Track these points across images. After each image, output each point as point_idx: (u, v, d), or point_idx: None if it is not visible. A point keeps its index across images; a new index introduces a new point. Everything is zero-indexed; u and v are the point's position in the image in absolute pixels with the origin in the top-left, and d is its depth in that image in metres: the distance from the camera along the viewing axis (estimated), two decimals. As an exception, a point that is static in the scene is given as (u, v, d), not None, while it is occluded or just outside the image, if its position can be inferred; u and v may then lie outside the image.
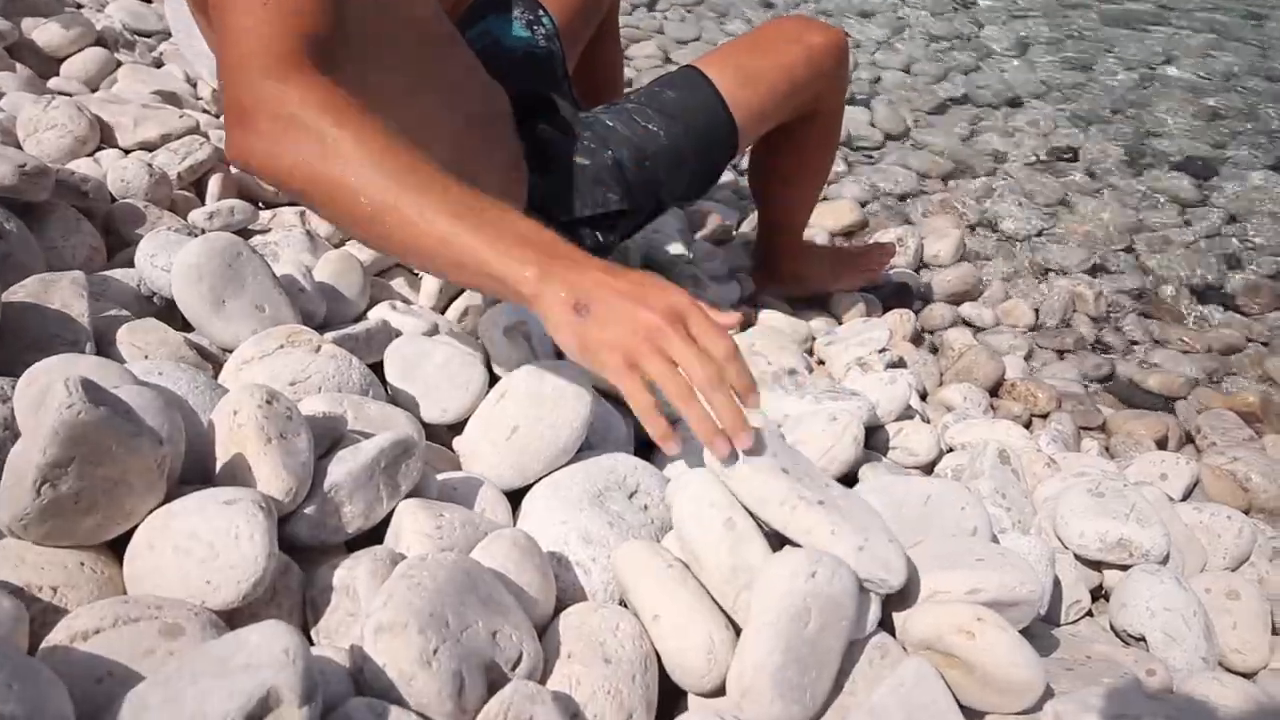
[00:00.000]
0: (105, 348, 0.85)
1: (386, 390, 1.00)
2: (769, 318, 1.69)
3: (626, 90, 2.58)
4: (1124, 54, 3.23)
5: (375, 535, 0.77)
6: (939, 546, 0.85)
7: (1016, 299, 2.05)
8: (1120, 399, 1.82)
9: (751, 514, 0.78)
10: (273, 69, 0.79)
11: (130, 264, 1.02)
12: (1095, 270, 2.20)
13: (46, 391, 0.59)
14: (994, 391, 1.67)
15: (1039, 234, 2.32)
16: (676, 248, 1.87)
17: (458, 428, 0.99)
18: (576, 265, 0.77)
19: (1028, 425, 1.58)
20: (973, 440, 1.33)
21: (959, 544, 0.86)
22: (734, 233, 2.13)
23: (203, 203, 1.29)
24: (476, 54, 1.42)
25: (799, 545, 0.76)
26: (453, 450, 0.98)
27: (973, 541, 0.88)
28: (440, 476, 0.86)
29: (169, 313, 0.97)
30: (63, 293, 0.83)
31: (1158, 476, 1.32)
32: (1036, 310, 2.02)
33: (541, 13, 1.52)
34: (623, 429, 1.05)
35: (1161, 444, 1.62)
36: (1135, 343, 2.01)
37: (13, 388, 0.70)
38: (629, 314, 0.75)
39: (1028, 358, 1.87)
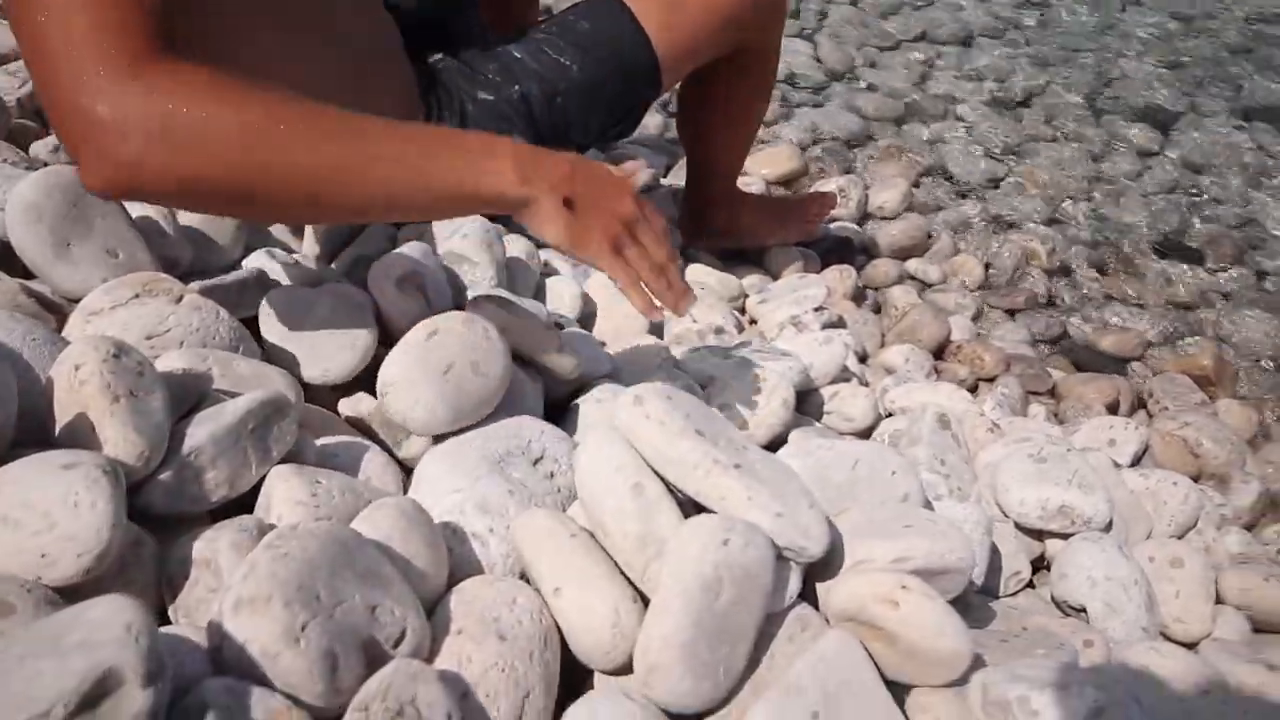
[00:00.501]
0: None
1: (262, 347, 0.98)
2: (698, 273, 1.70)
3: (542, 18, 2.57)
4: (1086, -8, 3.30)
5: (243, 505, 0.76)
6: (866, 514, 0.87)
7: (966, 254, 2.09)
8: (1072, 361, 1.88)
9: (662, 479, 0.78)
10: (125, 67, 0.73)
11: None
12: (1051, 222, 2.26)
13: None
14: (939, 354, 1.70)
15: (993, 183, 2.37)
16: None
17: (342, 389, 0.98)
18: (547, 163, 0.88)
19: (973, 389, 1.61)
20: (913, 405, 1.35)
21: (887, 510, 0.88)
22: (660, 180, 2.12)
23: (47, 133, 1.24)
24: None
25: (713, 512, 0.76)
26: (337, 413, 0.97)
27: (902, 508, 0.90)
28: (319, 441, 0.85)
29: (7, 258, 0.94)
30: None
31: (1106, 442, 1.36)
32: (987, 265, 2.07)
33: None
34: (531, 394, 1.04)
35: (1113, 409, 1.68)
36: (1089, 299, 2.07)
37: None
38: (609, 207, 0.91)
39: (976, 317, 1.91)
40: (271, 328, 0.99)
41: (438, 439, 0.91)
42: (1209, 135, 2.64)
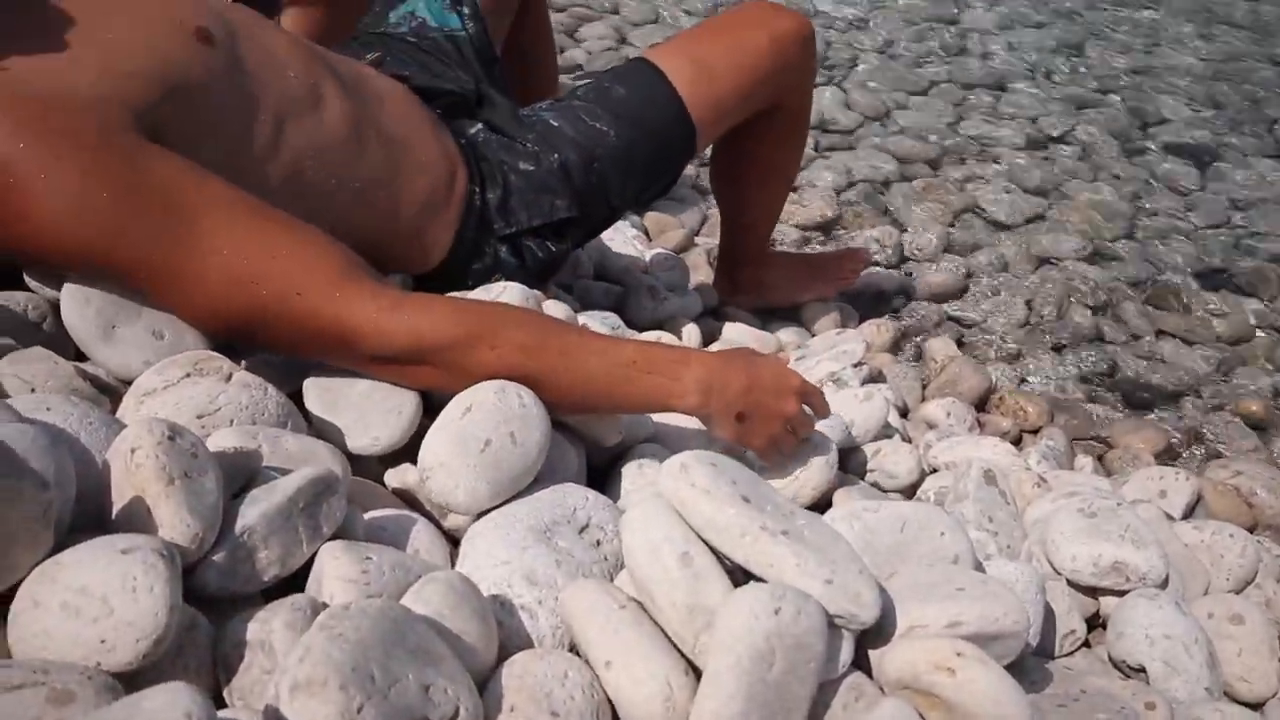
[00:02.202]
0: (-15, 388, 0.84)
1: (308, 421, 0.99)
2: (734, 331, 1.71)
3: (574, 73, 2.62)
4: (1115, 36, 3.31)
5: (294, 583, 0.77)
6: (917, 576, 0.87)
7: (1007, 293, 2.09)
8: (1122, 397, 1.86)
9: (710, 547, 0.79)
10: (342, 285, 0.94)
11: (18, 285, 1.00)
12: (1093, 258, 2.26)
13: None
14: (981, 405, 1.70)
15: (1030, 221, 2.37)
16: (632, 256, 1.89)
17: (388, 459, 0.99)
18: (726, 382, 1.01)
19: (1017, 441, 1.61)
20: (957, 460, 1.35)
21: (938, 573, 0.88)
22: (695, 238, 2.15)
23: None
24: (403, 39, 1.45)
25: (762, 580, 0.77)
26: (383, 485, 0.98)
27: (953, 570, 0.90)
28: (368, 515, 0.86)
29: (62, 340, 0.97)
30: (-63, 322, 0.83)
31: (1156, 493, 1.35)
32: (1029, 303, 2.06)
33: None
34: (574, 460, 1.05)
35: (1164, 457, 1.66)
36: (1137, 335, 2.05)
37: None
38: (777, 411, 1.03)
39: (1019, 356, 1.91)
40: (316, 400, 1.00)
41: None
42: (1249, 172, 2.63)
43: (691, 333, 1.64)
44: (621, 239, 1.93)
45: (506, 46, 1.70)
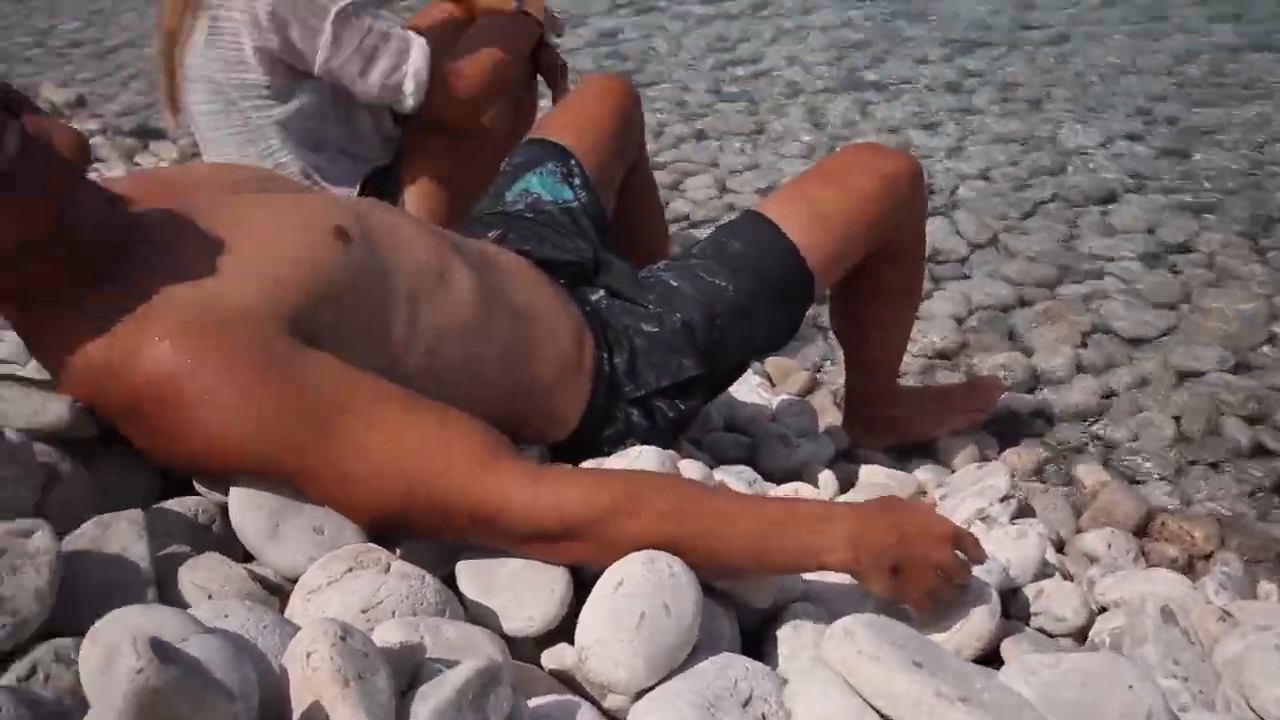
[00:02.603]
0: (167, 590, 0.87)
1: (463, 604, 1.00)
2: (870, 473, 1.68)
3: (682, 223, 2.68)
4: (1223, 136, 3.25)
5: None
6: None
7: (1152, 411, 2.01)
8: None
9: (885, 717, 0.76)
10: (488, 466, 0.97)
11: (187, 489, 1.05)
12: (1238, 368, 2.16)
13: (113, 652, 0.61)
14: (1142, 532, 1.62)
15: (1164, 335, 2.29)
16: (758, 404, 1.88)
17: (544, 639, 0.99)
18: (876, 535, 0.97)
19: (1188, 569, 1.52)
20: (1128, 596, 1.27)
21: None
22: (818, 378, 2.14)
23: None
24: (521, 215, 1.51)
25: (946, 751, 0.73)
26: (540, 666, 0.97)
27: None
28: (532, 703, 0.85)
29: (230, 541, 1.01)
30: (121, 535, 0.87)
31: (1357, 616, 1.25)
32: (1177, 419, 1.97)
33: (573, 162, 1.60)
34: (727, 627, 1.03)
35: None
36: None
37: (77, 649, 0.72)
38: (932, 561, 0.99)
39: (1177, 476, 1.82)
40: (470, 583, 1.01)
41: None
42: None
43: (828, 479, 1.61)
44: (746, 387, 1.93)
45: (616, 210, 1.75)
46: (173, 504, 1.03)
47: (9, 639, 0.73)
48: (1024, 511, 1.50)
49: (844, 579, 1.17)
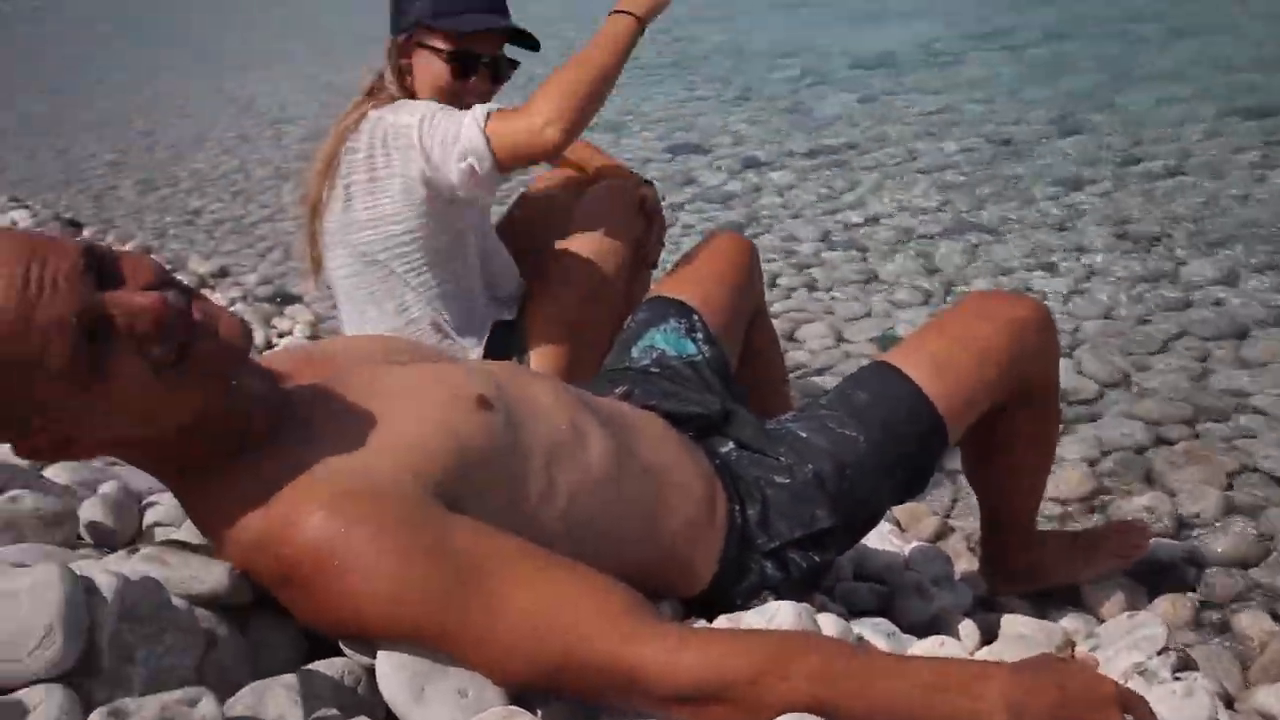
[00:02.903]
0: (319, 757, 0.87)
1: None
2: (1011, 623, 1.60)
3: (798, 373, 2.68)
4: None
5: None
6: None
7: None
8: None
9: None
10: (632, 628, 0.96)
11: (333, 650, 1.06)
12: (1407, 505, 2.02)
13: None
14: (1318, 686, 1.50)
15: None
16: (890, 552, 1.83)
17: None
18: (1036, 697, 0.92)
19: (1374, 727, 1.39)
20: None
21: None
22: (949, 523, 2.08)
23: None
24: (644, 370, 1.52)
25: None
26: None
27: None
28: None
29: (373, 701, 1.01)
30: (278, 701, 0.88)
31: None
32: (1348, 563, 1.85)
33: (695, 317, 1.63)
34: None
35: None
36: None
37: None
38: None
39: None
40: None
41: None
42: None
43: (969, 629, 1.54)
44: (876, 534, 1.88)
45: (739, 362, 1.76)
46: (320, 665, 1.04)
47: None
48: (1185, 665, 1.40)
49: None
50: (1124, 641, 1.45)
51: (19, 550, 1.20)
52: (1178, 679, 1.30)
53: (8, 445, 1.03)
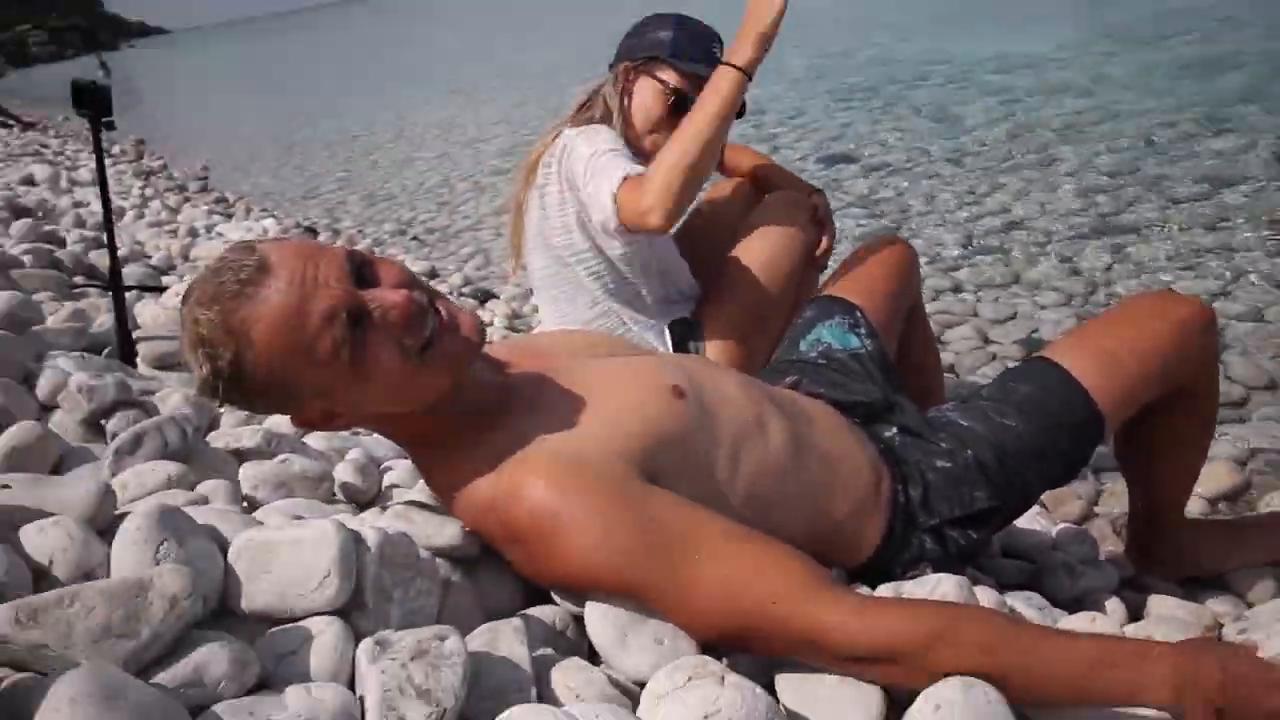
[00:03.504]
0: (542, 687, 0.93)
1: (783, 711, 1.00)
2: (1159, 603, 1.55)
3: (947, 372, 2.62)
4: None
5: None
6: None
7: None
8: None
9: None
10: (813, 592, 0.99)
11: (544, 598, 1.12)
12: None
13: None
14: None
15: None
16: (1037, 532, 1.79)
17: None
18: (1203, 673, 0.90)
19: None
20: None
21: None
22: (1094, 510, 2.02)
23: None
24: (812, 361, 1.53)
25: None
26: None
27: None
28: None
29: (580, 644, 1.06)
30: (507, 640, 0.93)
31: None
32: None
33: (859, 314, 1.62)
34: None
35: None
36: None
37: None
38: (1261, 710, 0.90)
39: None
40: (791, 695, 1.00)
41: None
42: None
43: (1116, 607, 1.50)
44: (1024, 516, 1.84)
45: (897, 356, 1.74)
46: (534, 611, 1.10)
47: (434, 725, 0.80)
48: (1339, 650, 1.33)
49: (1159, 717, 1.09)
50: (1276, 627, 1.39)
51: (292, 504, 1.31)
52: (1332, 665, 1.25)
53: (283, 417, 1.14)
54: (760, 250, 2.01)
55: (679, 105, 1.95)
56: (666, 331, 2.04)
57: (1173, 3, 8.34)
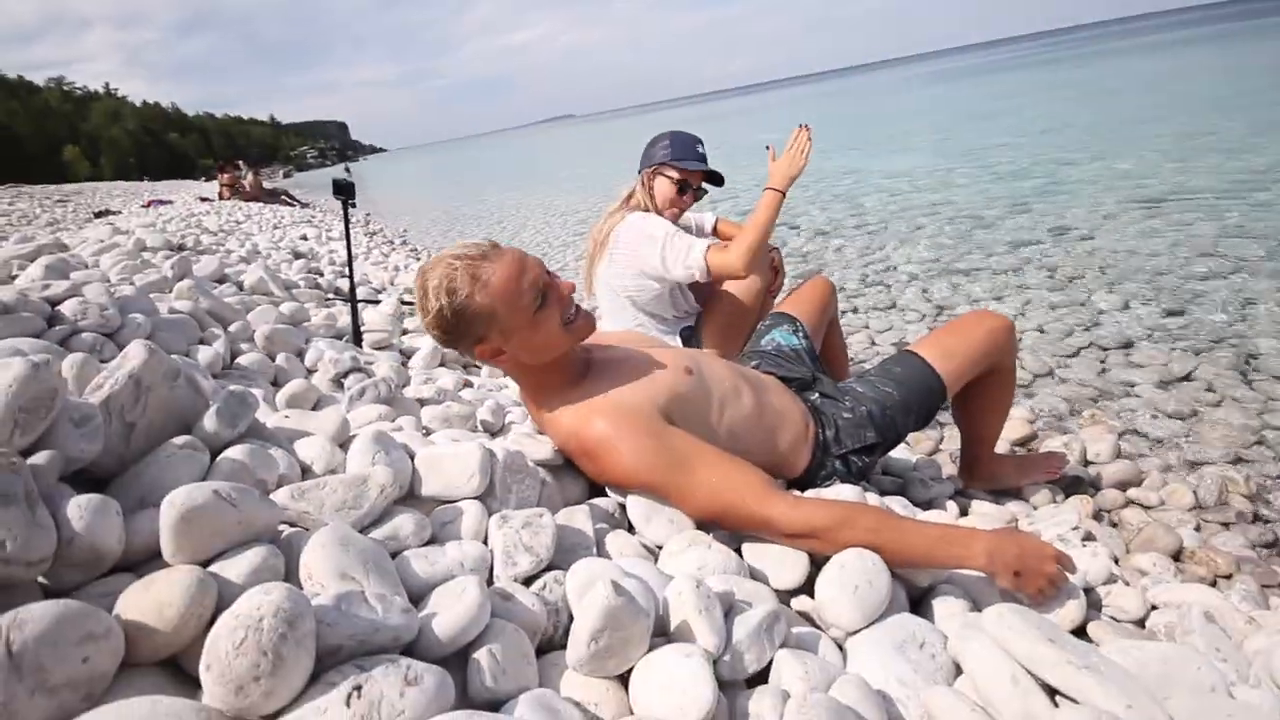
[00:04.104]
0: (600, 548, 0.91)
1: (746, 566, 0.97)
2: (978, 506, 1.50)
3: (855, 363, 2.55)
4: (1211, 299, 2.73)
5: (762, 676, 0.73)
6: (1190, 703, 0.66)
7: (1175, 485, 1.68)
8: (1292, 562, 1.39)
9: (1030, 673, 0.66)
10: (780, 497, 0.95)
11: (602, 493, 1.09)
12: (1237, 460, 1.77)
13: (589, 585, 0.64)
14: (1175, 558, 1.34)
15: (1179, 437, 1.92)
16: (904, 459, 1.74)
17: (793, 591, 0.94)
18: (1005, 548, 0.88)
19: (1213, 585, 1.24)
20: (1173, 600, 1.05)
21: (1208, 702, 0.67)
22: (939, 447, 1.95)
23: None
24: (769, 353, 1.48)
25: (1072, 699, 0.62)
26: (790, 606, 0.93)
27: (1217, 699, 0.68)
28: (794, 630, 0.81)
29: (623, 520, 1.03)
30: (579, 517, 0.91)
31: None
32: (1195, 492, 1.63)
33: (798, 324, 1.57)
34: (902, 594, 0.94)
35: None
36: (1289, 516, 1.55)
37: (562, 579, 0.76)
38: (1042, 571, 0.89)
39: (1197, 529, 1.50)
40: (751, 556, 0.97)
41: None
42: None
43: (952, 508, 1.45)
44: (897, 449, 1.79)
45: (821, 350, 1.69)
46: (596, 501, 1.08)
47: (535, 568, 0.78)
48: (1089, 538, 1.28)
49: (975, 575, 1.06)
50: (1050, 521, 1.33)
51: (452, 433, 1.29)
52: (1085, 545, 1.20)
53: (453, 375, 1.10)
54: (736, 284, 1.96)
55: (682, 189, 1.90)
56: (678, 335, 1.99)
57: (995, 138, 8.11)
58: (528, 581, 0.78)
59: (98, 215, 9.38)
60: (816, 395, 1.38)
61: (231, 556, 0.65)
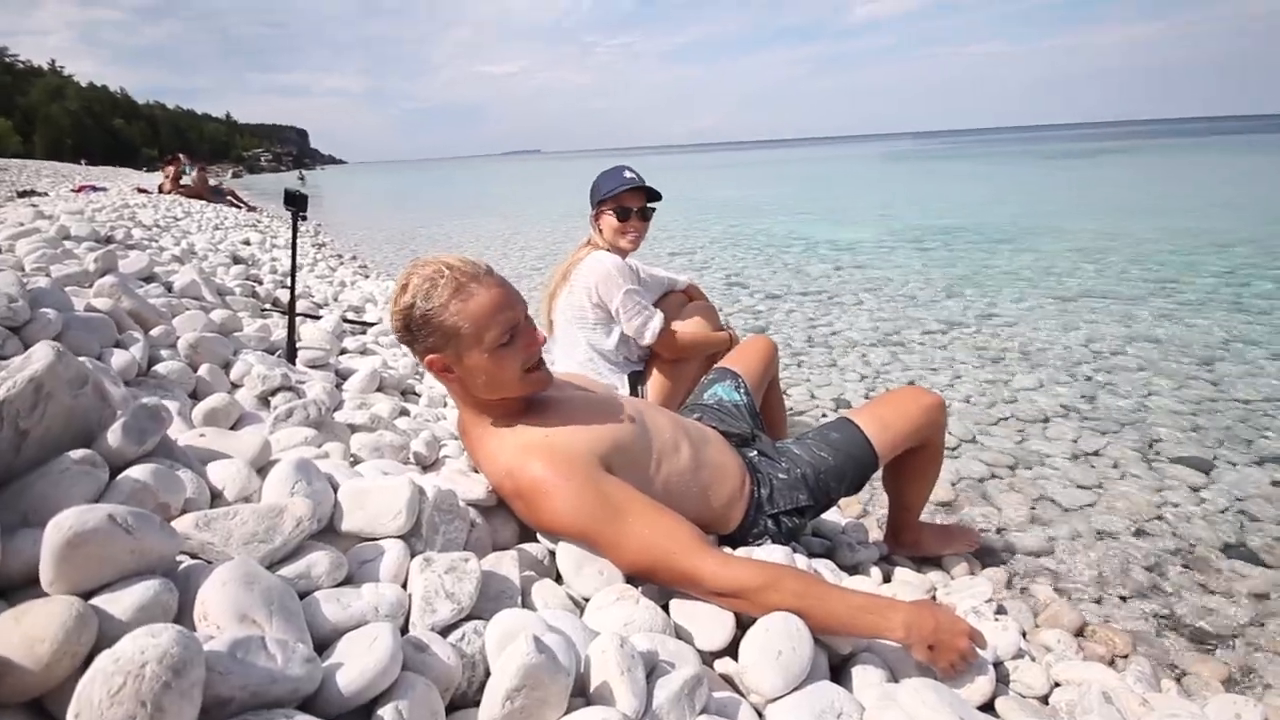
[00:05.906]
0: (525, 598, 0.88)
1: (673, 624, 0.96)
2: (901, 573, 1.54)
3: (790, 416, 2.59)
4: (1118, 388, 2.94)
5: (680, 740, 0.71)
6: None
7: (1081, 555, 1.76)
8: (1185, 637, 1.47)
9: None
10: (698, 551, 0.94)
11: (532, 537, 1.07)
12: (1138, 533, 1.87)
13: (509, 638, 0.61)
14: (1078, 634, 1.39)
15: (1085, 506, 2.03)
16: (832, 523, 1.77)
17: (717, 653, 0.93)
18: (923, 622, 0.91)
19: (1111, 663, 1.29)
20: (1074, 678, 1.10)
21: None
22: (866, 510, 2.00)
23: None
24: (711, 406, 1.50)
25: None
26: (712, 667, 0.92)
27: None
28: (716, 695, 0.80)
29: (552, 570, 1.01)
30: (506, 564, 0.89)
31: (1233, 716, 1.02)
32: (1099, 562, 1.72)
33: (740, 379, 1.61)
34: (823, 660, 0.95)
35: (1227, 684, 1.27)
36: (1184, 588, 1.65)
37: (483, 629, 0.73)
38: (955, 646, 0.92)
39: (1099, 603, 1.57)
40: (679, 614, 0.96)
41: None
42: (1239, 474, 2.16)
43: (876, 572, 1.48)
44: (830, 515, 1.82)
45: (762, 407, 1.72)
46: (526, 546, 1.05)
47: (455, 616, 0.75)
48: (1001, 610, 1.32)
49: (895, 645, 1.07)
50: (966, 592, 1.38)
51: (382, 464, 1.24)
52: (997, 618, 1.24)
53: (387, 402, 1.06)
54: (678, 340, 1.99)
55: (622, 215, 1.95)
56: (626, 379, 2.00)
57: (939, 221, 8.61)
58: (445, 631, 0.75)
59: (21, 195, 8.65)
60: (755, 453, 1.40)
61: (118, 589, 0.60)
